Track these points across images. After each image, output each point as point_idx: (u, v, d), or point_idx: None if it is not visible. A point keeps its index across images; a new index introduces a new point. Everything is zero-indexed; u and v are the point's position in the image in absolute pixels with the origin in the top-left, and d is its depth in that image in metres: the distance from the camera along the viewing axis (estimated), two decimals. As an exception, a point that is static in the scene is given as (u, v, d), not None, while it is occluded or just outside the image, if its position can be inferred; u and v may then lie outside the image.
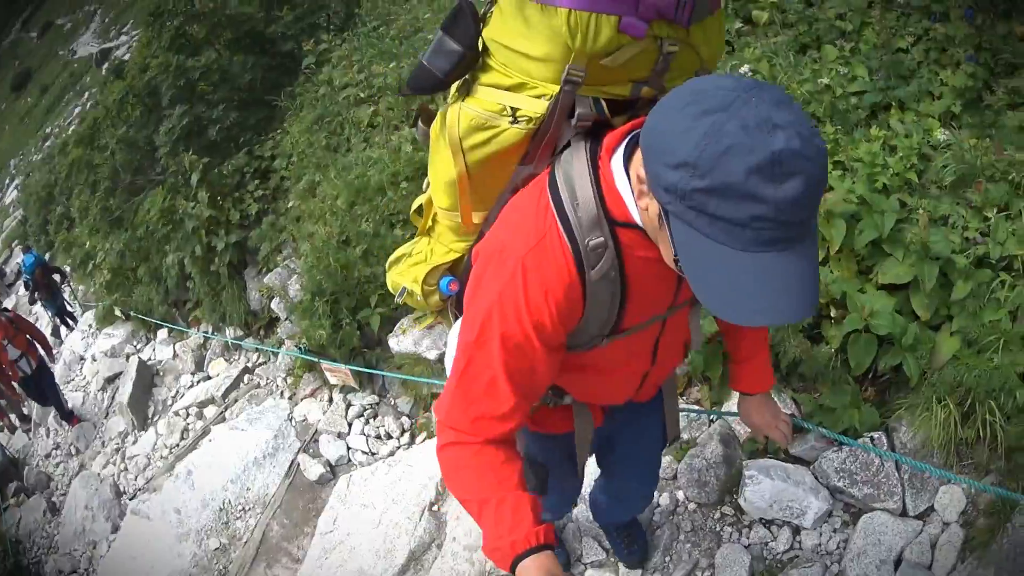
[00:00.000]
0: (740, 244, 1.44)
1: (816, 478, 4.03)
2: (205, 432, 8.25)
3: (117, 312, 12.26)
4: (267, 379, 8.70)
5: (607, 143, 1.85)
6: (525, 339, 1.85)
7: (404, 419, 6.77)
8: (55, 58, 64.67)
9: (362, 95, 8.57)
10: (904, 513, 3.85)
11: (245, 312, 9.14)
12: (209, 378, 9.40)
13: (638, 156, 1.65)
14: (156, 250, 10.10)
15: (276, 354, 8.53)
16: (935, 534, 3.75)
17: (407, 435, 6.64)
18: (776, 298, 1.48)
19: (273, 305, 8.36)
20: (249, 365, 9.14)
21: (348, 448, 6.84)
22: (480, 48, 2.07)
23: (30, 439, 12.45)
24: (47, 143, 35.89)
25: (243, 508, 6.81)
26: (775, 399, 2.97)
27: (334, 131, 8.66)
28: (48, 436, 11.82)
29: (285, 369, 8.29)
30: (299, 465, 6.81)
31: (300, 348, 7.23)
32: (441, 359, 6.14)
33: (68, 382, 12.48)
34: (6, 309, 11.68)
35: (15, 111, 67.20)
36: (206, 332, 9.91)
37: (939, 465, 3.67)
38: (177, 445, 8.59)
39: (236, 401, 8.50)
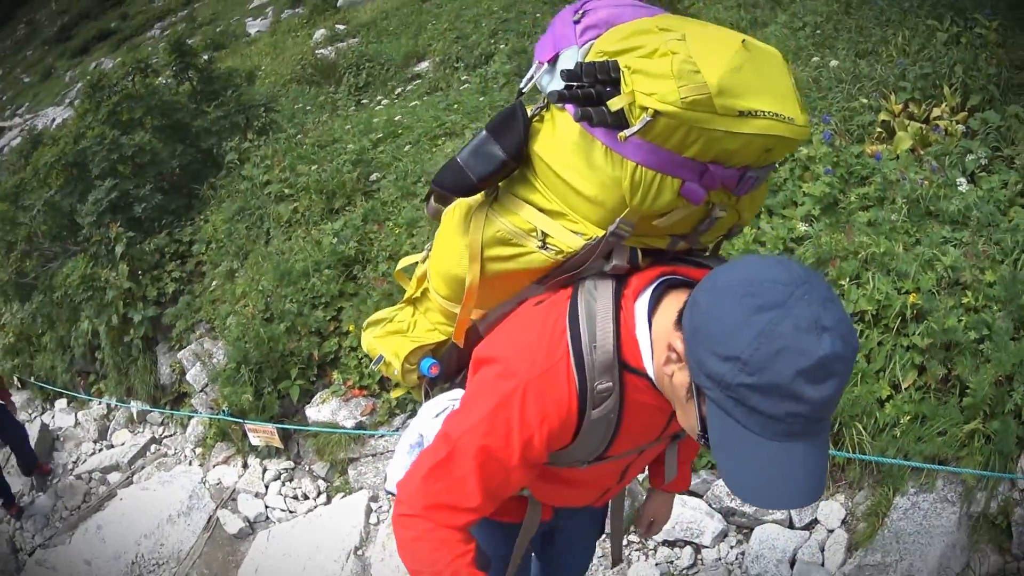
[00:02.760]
0: (770, 434, 1.50)
1: (709, 505, 4.82)
2: (111, 494, 8.39)
3: (14, 379, 12.26)
4: (175, 449, 9.00)
5: (634, 285, 1.88)
6: (506, 455, 1.86)
7: (320, 482, 7.31)
8: None
9: (286, 191, 9.35)
10: (791, 526, 4.69)
11: (154, 386, 9.48)
12: (113, 447, 9.56)
13: (665, 318, 1.75)
14: (68, 317, 10.33)
15: (185, 426, 8.94)
16: (822, 539, 4.59)
17: (323, 496, 7.18)
18: (796, 485, 1.55)
19: (188, 377, 8.82)
20: (156, 436, 9.40)
21: (266, 507, 7.28)
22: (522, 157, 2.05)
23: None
24: None
25: (156, 563, 7.03)
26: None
27: (254, 223, 9.36)
28: None
29: (195, 440, 8.69)
30: (218, 520, 7.19)
31: (224, 412, 7.79)
32: (358, 427, 6.84)
33: None
34: None
35: None
36: (110, 402, 10.15)
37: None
38: (79, 507, 8.66)
39: (143, 468, 8.72)
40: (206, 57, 12.21)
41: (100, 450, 9.57)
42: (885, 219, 5.24)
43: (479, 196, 2.11)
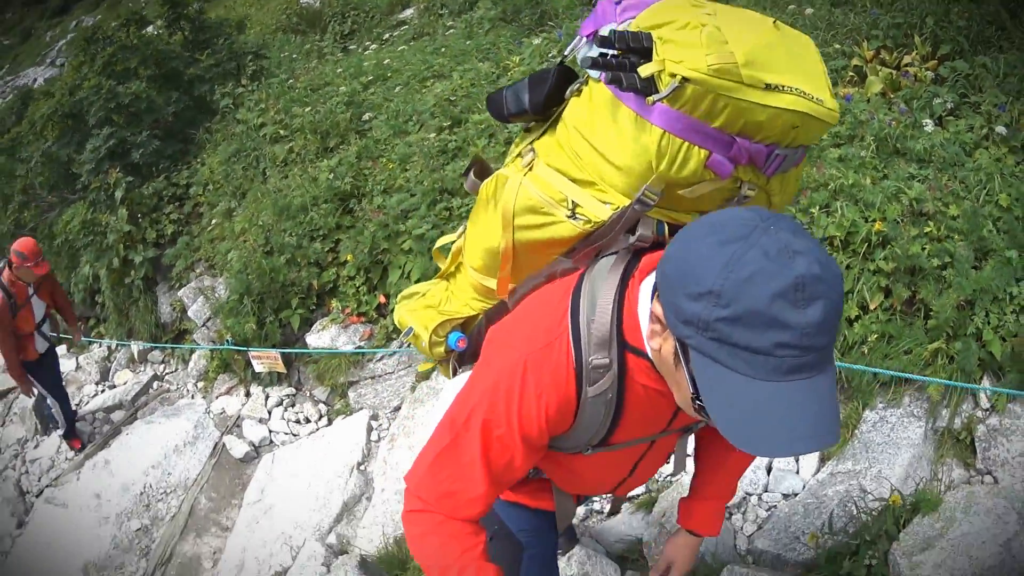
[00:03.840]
0: (763, 374, 1.41)
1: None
2: (116, 432, 8.58)
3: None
4: (178, 384, 9.22)
5: (643, 265, 1.84)
6: (508, 433, 1.84)
7: (321, 405, 7.61)
8: None
9: (281, 132, 9.56)
10: None
11: (155, 325, 9.72)
12: (115, 387, 9.72)
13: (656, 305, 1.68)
14: (68, 264, 10.55)
15: (187, 361, 9.22)
16: None
17: (324, 419, 7.47)
18: (799, 427, 1.43)
19: (190, 313, 9.07)
20: (158, 374, 9.60)
21: (270, 432, 7.58)
22: (549, 118, 2.15)
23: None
24: None
25: (164, 491, 7.26)
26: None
27: (251, 164, 9.58)
28: None
29: (197, 374, 8.94)
30: (224, 446, 7.47)
31: (228, 342, 8.03)
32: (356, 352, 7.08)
33: None
34: None
35: None
36: (111, 344, 10.34)
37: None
38: (83, 447, 8.78)
39: (147, 404, 8.92)
40: (197, 7, 12.35)
41: (102, 391, 9.73)
42: (855, 156, 5.47)
43: (515, 167, 2.15)
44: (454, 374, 2.69)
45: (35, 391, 8.16)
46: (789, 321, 1.35)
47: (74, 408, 9.07)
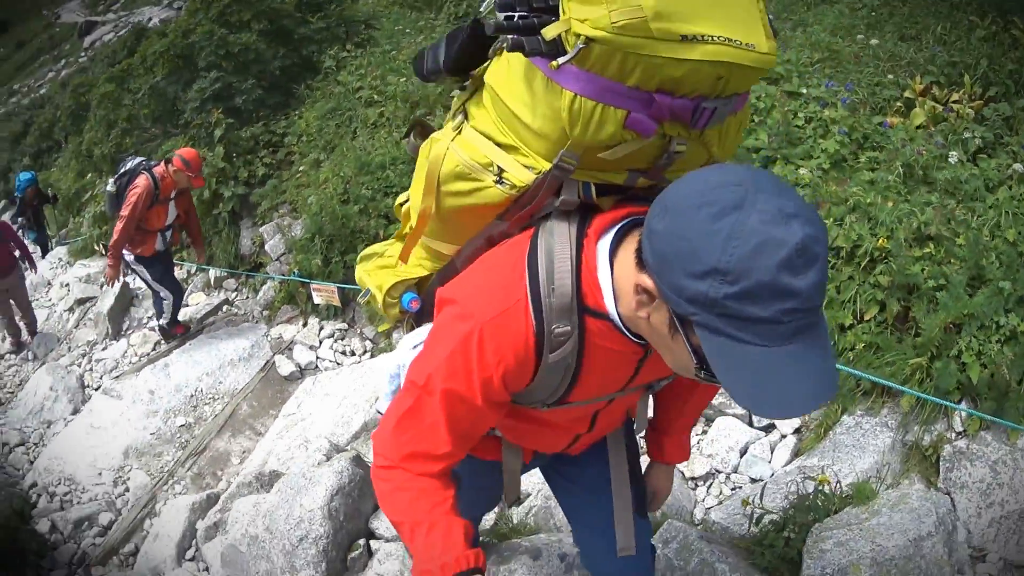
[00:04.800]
0: (769, 340, 1.42)
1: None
2: (181, 344, 9.34)
3: (96, 247, 13.45)
4: (245, 311, 10.03)
5: (595, 226, 1.82)
6: (469, 396, 1.83)
7: (368, 342, 8.36)
8: (37, 16, 63.94)
9: (375, 97, 10.32)
10: (751, 424, 5.33)
11: (234, 255, 10.53)
12: (187, 306, 10.41)
13: (627, 257, 1.68)
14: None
15: (258, 290, 10.05)
16: (774, 440, 5.20)
17: (368, 355, 8.20)
18: (809, 385, 1.46)
19: (267, 247, 9.90)
20: (229, 299, 10.42)
21: (317, 358, 8.33)
22: (468, 79, 2.11)
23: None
24: (12, 99, 36.19)
25: (213, 397, 8.08)
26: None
27: (343, 122, 10.33)
28: (3, 341, 12.21)
29: (264, 303, 9.74)
30: (274, 364, 8.24)
31: (294, 273, 8.81)
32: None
33: (32, 301, 12.67)
34: None
35: None
36: (191, 267, 11.18)
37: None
38: (147, 354, 9.57)
39: (213, 324, 9.72)
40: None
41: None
42: (883, 179, 5.67)
43: (447, 130, 2.09)
44: (409, 331, 2.63)
45: (120, 280, 9.06)
46: (795, 288, 1.36)
47: (144, 321, 10.06)
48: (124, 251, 8.45)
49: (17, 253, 11.17)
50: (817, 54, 7.55)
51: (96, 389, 9.22)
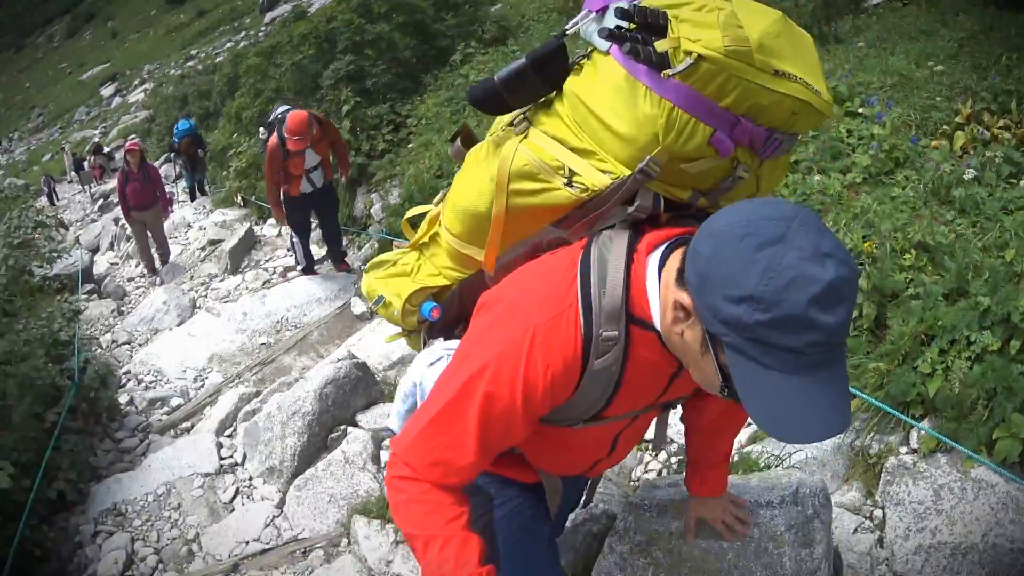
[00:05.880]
0: (792, 368, 1.49)
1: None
2: (284, 277, 10.80)
3: (237, 199, 15.06)
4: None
5: (649, 240, 1.85)
6: (511, 404, 1.83)
7: (428, 295, 9.38)
8: None
9: (487, 92, 11.42)
10: None
11: (346, 216, 11.68)
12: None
13: (670, 274, 1.71)
14: (292, 154, 12.81)
15: (361, 247, 11.26)
16: None
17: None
18: (824, 416, 1.54)
19: (373, 211, 11.16)
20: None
21: (387, 304, 9.37)
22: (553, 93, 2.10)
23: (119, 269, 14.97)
24: (190, 63, 37.98)
25: (295, 325, 9.14)
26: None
27: (458, 110, 11.42)
28: (136, 266, 14.24)
29: (363, 258, 10.84)
30: (351, 304, 9.28)
31: (383, 232, 10.00)
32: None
33: (171, 238, 14.51)
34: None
35: (165, 22, 70.31)
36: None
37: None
38: (258, 288, 10.77)
39: (316, 272, 10.70)
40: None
41: (286, 255, 11.78)
42: (903, 195, 5.66)
43: (506, 134, 2.13)
44: (424, 345, 2.66)
45: (285, 221, 10.08)
46: (821, 323, 1.42)
47: (261, 262, 11.45)
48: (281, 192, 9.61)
49: (158, 194, 12.81)
50: (890, 79, 7.88)
51: (198, 307, 10.77)
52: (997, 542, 3.73)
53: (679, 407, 2.59)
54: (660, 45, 1.77)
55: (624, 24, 1.87)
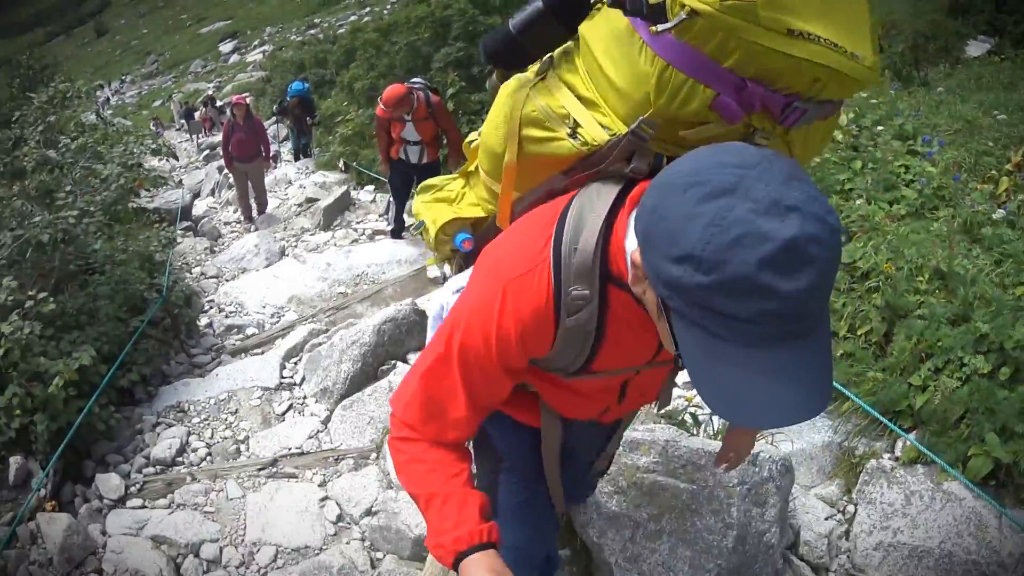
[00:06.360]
0: (746, 341, 1.30)
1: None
2: (372, 240, 11.40)
3: (339, 163, 15.80)
4: (437, 231, 11.76)
5: (633, 194, 1.70)
6: (487, 356, 1.80)
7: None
8: None
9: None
10: None
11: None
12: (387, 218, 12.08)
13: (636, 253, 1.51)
14: (395, 127, 13.46)
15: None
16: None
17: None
18: (786, 397, 1.33)
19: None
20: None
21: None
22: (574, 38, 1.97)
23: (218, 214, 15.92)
24: (311, 31, 38.97)
25: (373, 281, 9.68)
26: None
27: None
28: (234, 212, 15.29)
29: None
30: (426, 267, 9.78)
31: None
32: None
33: (271, 192, 15.42)
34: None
35: None
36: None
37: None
38: (346, 246, 11.34)
39: (404, 237, 11.17)
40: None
41: (377, 220, 12.45)
42: (939, 229, 5.80)
43: (529, 75, 2.04)
44: (457, 271, 2.63)
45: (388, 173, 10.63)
46: (776, 289, 1.22)
47: (353, 223, 12.14)
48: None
49: (261, 147, 13.57)
50: (956, 124, 8.20)
51: (284, 256, 11.45)
52: (953, 550, 3.88)
53: None
54: None
55: None
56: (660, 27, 1.58)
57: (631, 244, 1.59)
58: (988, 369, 4.29)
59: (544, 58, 2.01)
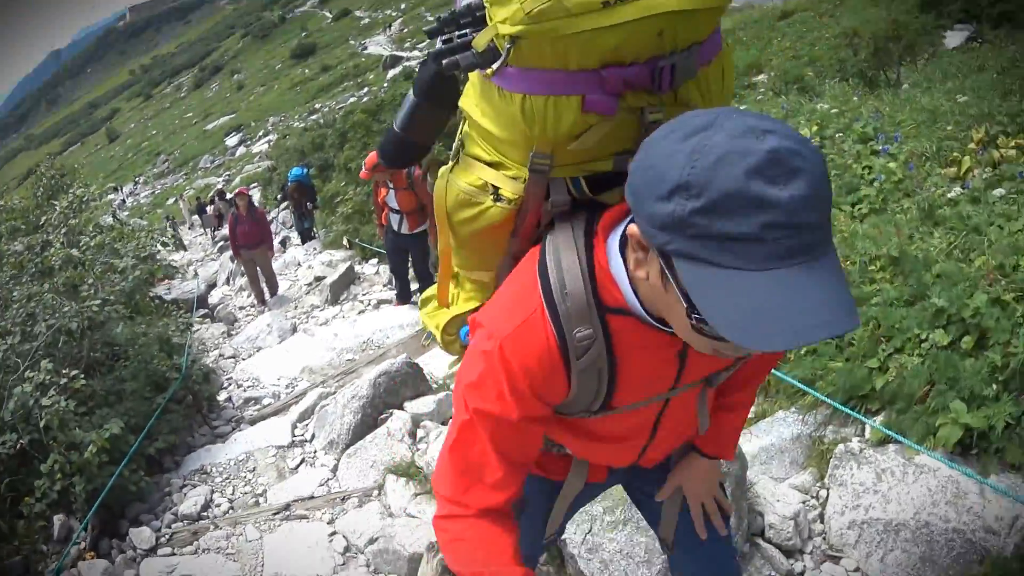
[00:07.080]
0: (755, 262, 1.25)
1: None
2: (377, 308, 12.11)
3: (344, 241, 16.57)
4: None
5: (603, 223, 1.70)
6: (505, 414, 1.76)
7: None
8: (344, 45, 69.96)
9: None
10: None
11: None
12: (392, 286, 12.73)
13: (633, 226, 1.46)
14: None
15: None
16: None
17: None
18: (808, 315, 1.25)
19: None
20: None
21: (465, 334, 10.54)
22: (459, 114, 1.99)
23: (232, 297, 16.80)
24: (312, 116, 39.57)
25: (378, 346, 10.24)
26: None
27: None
28: (248, 297, 16.06)
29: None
30: (428, 333, 10.41)
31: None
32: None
33: (281, 275, 16.19)
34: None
35: (289, 77, 74.13)
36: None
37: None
38: (352, 316, 12.16)
39: (410, 302, 11.82)
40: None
41: (382, 291, 13.10)
42: (900, 220, 5.91)
43: (448, 165, 2.03)
44: None
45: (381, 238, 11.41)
46: (772, 198, 1.20)
47: (359, 296, 12.85)
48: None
49: (264, 235, 14.48)
50: (919, 116, 8.44)
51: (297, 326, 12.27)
52: (930, 520, 3.88)
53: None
54: (478, 43, 1.65)
55: (450, 35, 1.81)
56: (493, 67, 1.63)
57: (617, 267, 1.64)
58: (947, 341, 4.36)
59: (458, 141, 2.02)
